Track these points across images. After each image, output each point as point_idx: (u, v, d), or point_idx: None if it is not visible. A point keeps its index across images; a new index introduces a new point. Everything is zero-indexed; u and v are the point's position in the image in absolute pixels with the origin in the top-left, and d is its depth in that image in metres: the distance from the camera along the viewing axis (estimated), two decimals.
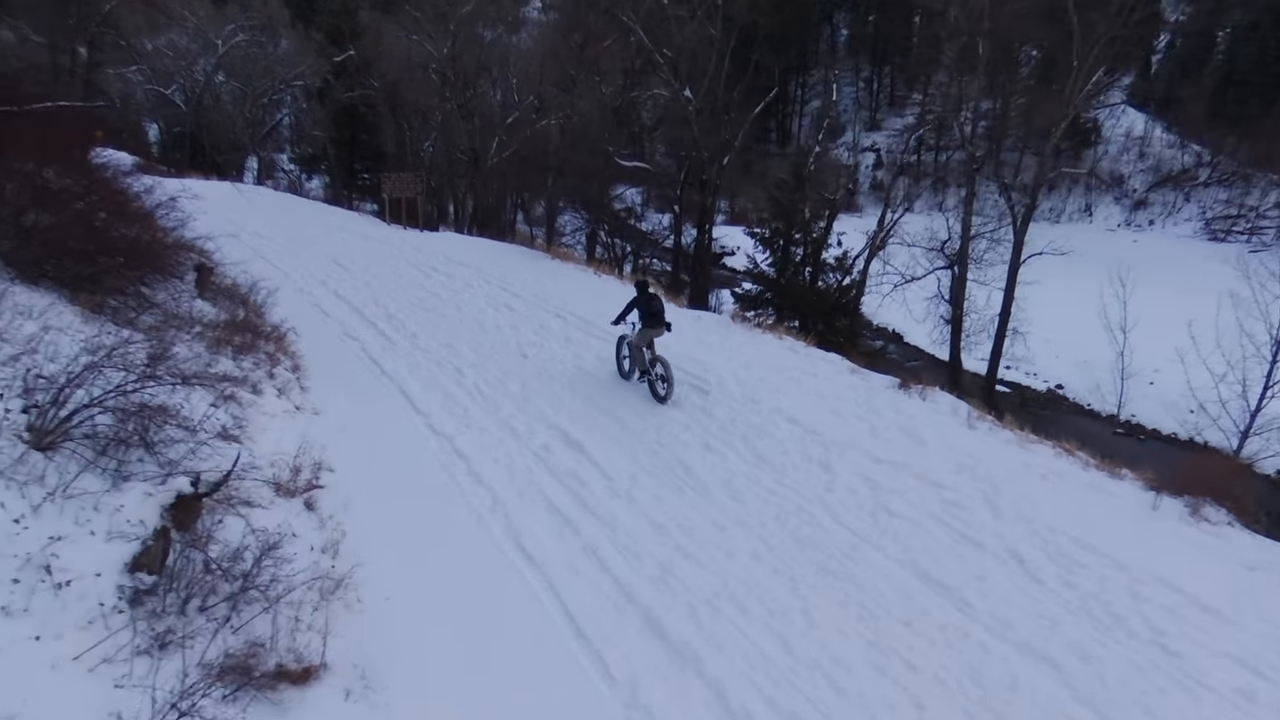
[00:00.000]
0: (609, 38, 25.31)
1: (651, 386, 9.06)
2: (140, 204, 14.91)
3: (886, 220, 21.74)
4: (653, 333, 9.06)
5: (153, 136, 54.87)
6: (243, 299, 10.99)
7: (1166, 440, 21.44)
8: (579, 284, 15.32)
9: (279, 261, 16.24)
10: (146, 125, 54.80)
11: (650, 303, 9.06)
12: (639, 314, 9.12)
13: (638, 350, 9.17)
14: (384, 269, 16.23)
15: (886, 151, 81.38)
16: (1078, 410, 27.11)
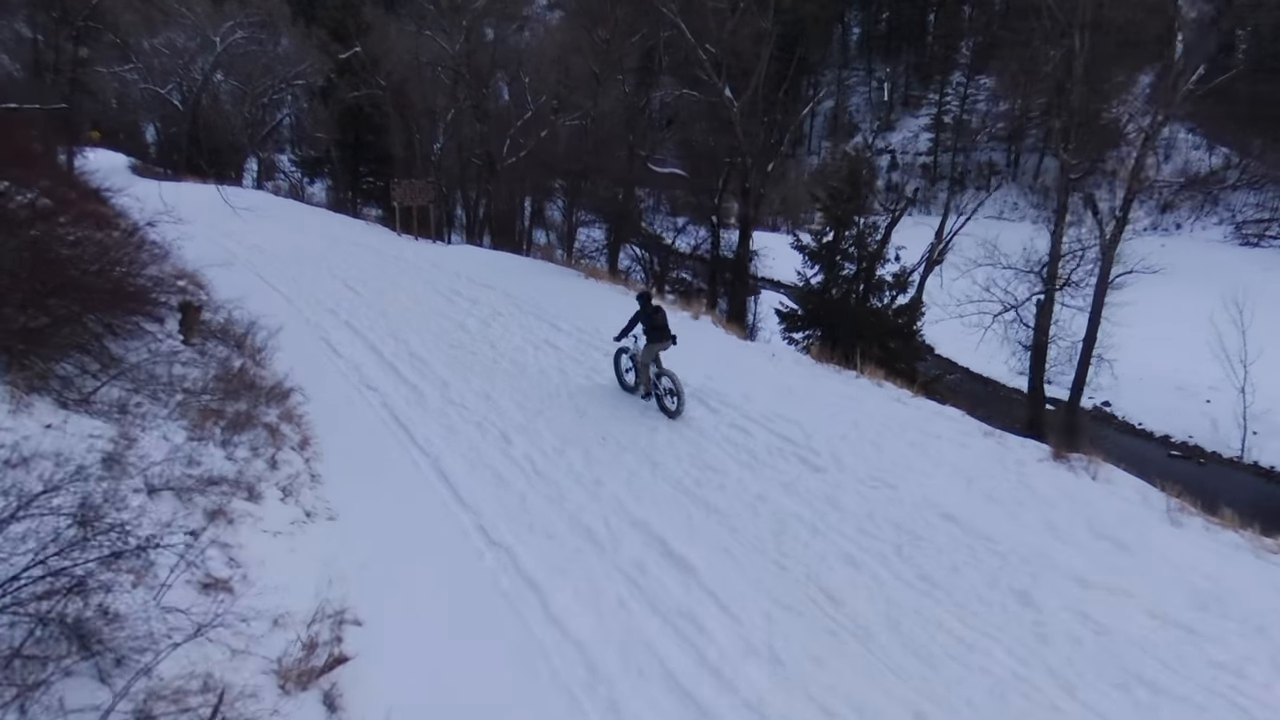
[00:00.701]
0: (636, 32, 23.39)
1: (660, 402, 8.71)
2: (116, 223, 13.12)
3: (946, 230, 19.82)
4: (659, 347, 8.75)
5: (150, 137, 53.05)
6: (239, 341, 9.11)
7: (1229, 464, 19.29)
8: (625, 312, 13.38)
9: (281, 284, 14.38)
10: (144, 125, 52.99)
11: (654, 315, 8.78)
12: (643, 328, 8.81)
13: (645, 367, 8.81)
14: (401, 293, 14.34)
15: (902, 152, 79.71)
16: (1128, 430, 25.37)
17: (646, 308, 8.90)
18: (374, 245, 19.43)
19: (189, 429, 5.87)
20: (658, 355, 8.79)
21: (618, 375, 9.54)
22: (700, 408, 8.86)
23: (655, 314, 8.83)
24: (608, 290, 15.16)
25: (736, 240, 21.47)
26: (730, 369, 10.29)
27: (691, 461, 7.54)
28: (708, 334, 12.42)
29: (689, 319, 13.30)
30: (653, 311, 8.85)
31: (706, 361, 10.21)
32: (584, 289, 15.18)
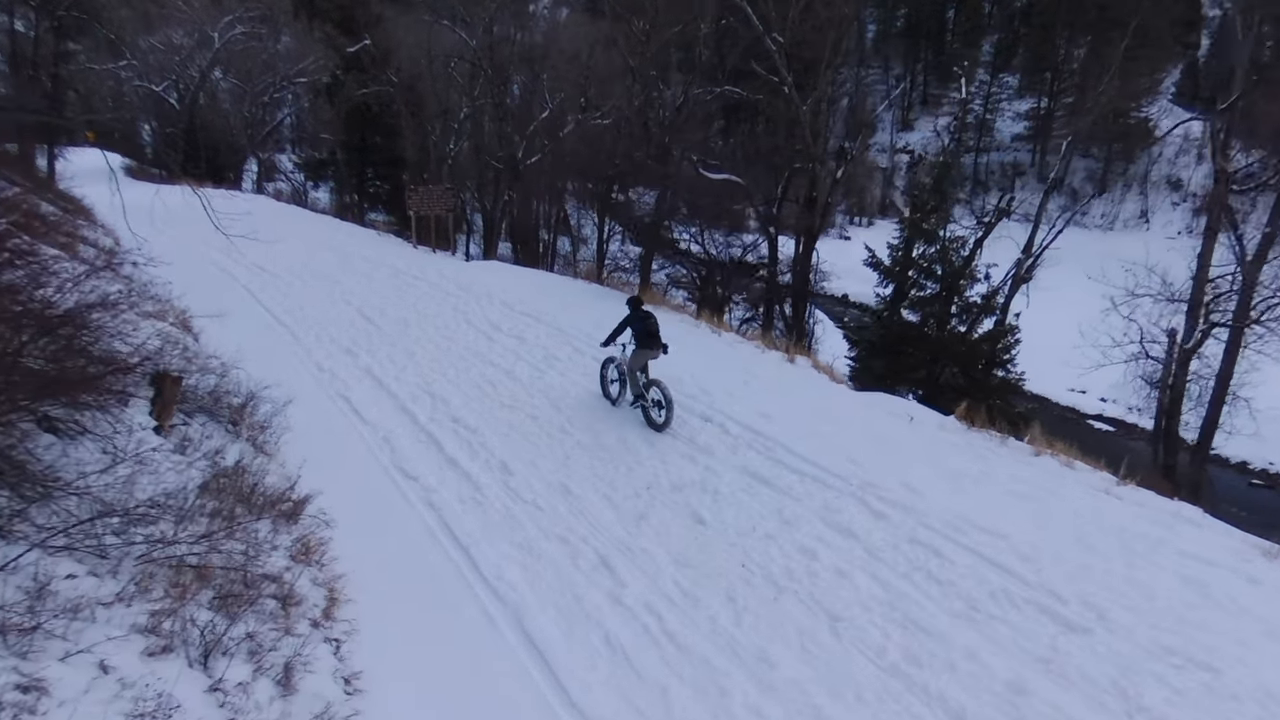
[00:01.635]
0: (679, 22, 21.07)
1: (646, 413, 8.31)
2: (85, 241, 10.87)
3: (1036, 243, 17.50)
4: (648, 354, 8.48)
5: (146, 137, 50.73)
6: (235, 418, 6.77)
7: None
8: (713, 355, 11.07)
9: (286, 315, 12.05)
10: (140, 125, 50.67)
11: (645, 321, 8.50)
12: (633, 334, 8.50)
13: (633, 375, 8.46)
14: (428, 325, 12.02)
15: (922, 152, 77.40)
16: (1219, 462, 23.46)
17: (638, 312, 8.56)
18: (389, 261, 17.11)
19: (147, 627, 3.55)
20: (646, 363, 8.48)
21: (602, 386, 9.13)
22: (861, 509, 6.55)
23: (647, 319, 8.50)
24: (676, 322, 12.84)
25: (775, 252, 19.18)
26: (862, 438, 8.01)
27: (885, 614, 5.21)
28: (811, 384, 10.11)
29: (780, 360, 10.98)
30: (644, 317, 8.51)
31: (830, 429, 7.94)
32: None
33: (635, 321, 8.52)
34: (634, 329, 8.52)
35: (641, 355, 8.47)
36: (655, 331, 8.49)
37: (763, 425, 8.24)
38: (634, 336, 8.52)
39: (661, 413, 8.16)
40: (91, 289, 6.26)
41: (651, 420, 8.23)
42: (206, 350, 8.96)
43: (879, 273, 17.01)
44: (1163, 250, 51.76)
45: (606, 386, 9.09)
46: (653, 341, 8.44)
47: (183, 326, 9.50)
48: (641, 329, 8.45)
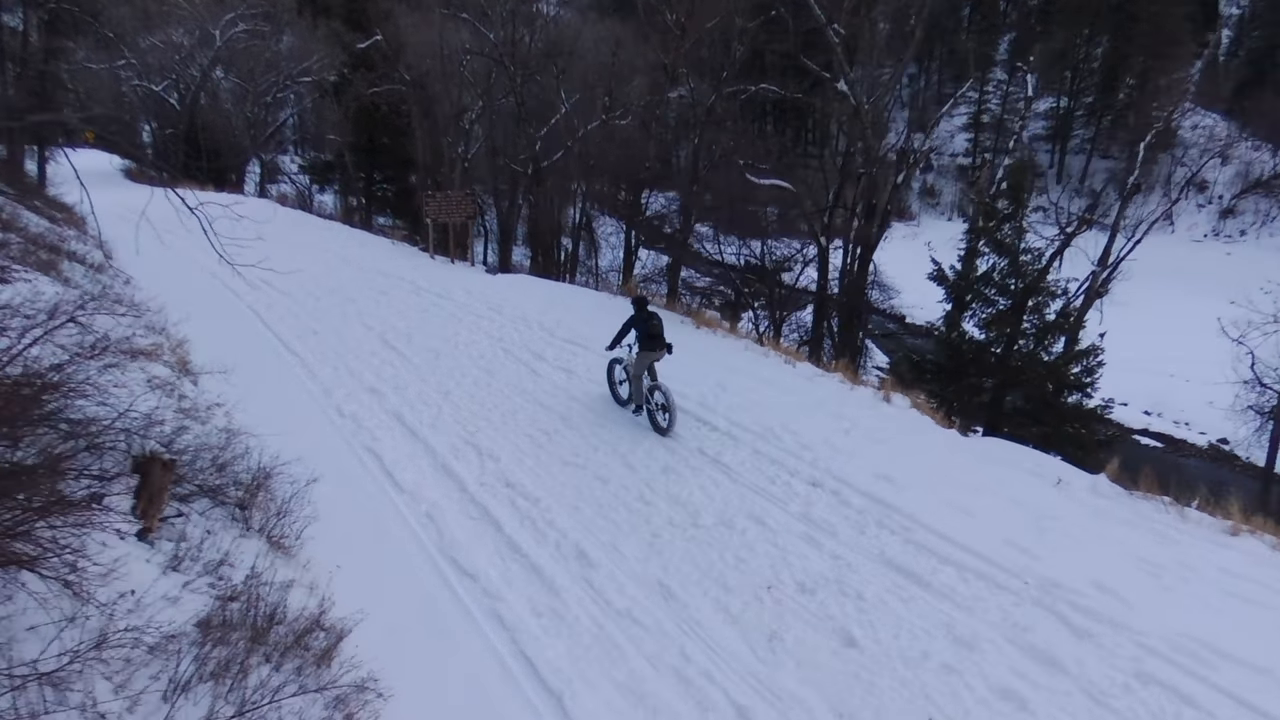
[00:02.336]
0: (719, 14, 19.57)
1: (651, 417, 8.12)
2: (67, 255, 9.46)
3: (1113, 253, 15.98)
4: (652, 356, 8.24)
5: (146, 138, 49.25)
6: (243, 503, 5.27)
7: None
8: (797, 395, 9.52)
9: (298, 343, 10.56)
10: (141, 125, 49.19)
11: (649, 322, 8.21)
12: (636, 335, 8.26)
13: (637, 380, 8.28)
14: (461, 355, 10.52)
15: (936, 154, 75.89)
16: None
17: (642, 313, 8.24)
18: (408, 275, 15.60)
19: None
20: (651, 365, 8.27)
21: (611, 388, 8.96)
22: (1056, 624, 5.04)
23: (650, 320, 8.23)
24: (739, 350, 11.33)
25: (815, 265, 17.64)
26: (1012, 511, 6.52)
27: None
28: (918, 432, 8.59)
29: (873, 399, 9.47)
30: (648, 318, 8.23)
31: (968, 497, 6.45)
32: (710, 349, 11.34)
33: (639, 323, 8.23)
34: (638, 330, 8.24)
35: (645, 358, 8.22)
36: (659, 333, 8.25)
37: (887, 493, 6.74)
38: (637, 338, 8.25)
39: (665, 416, 7.96)
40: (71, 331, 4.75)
41: (657, 425, 8.04)
42: (208, 396, 7.47)
43: (944, 287, 15.50)
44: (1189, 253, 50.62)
45: (615, 388, 8.90)
46: (656, 343, 8.20)
47: (179, 367, 8.00)
48: (645, 331, 8.18)
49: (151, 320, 9.77)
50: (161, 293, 11.26)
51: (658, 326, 8.28)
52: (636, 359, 8.31)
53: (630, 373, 8.40)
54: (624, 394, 8.73)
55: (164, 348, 8.64)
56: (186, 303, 10.85)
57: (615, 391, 8.91)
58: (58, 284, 9.32)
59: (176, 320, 9.82)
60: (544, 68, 21.44)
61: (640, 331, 8.23)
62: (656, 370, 8.36)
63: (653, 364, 8.31)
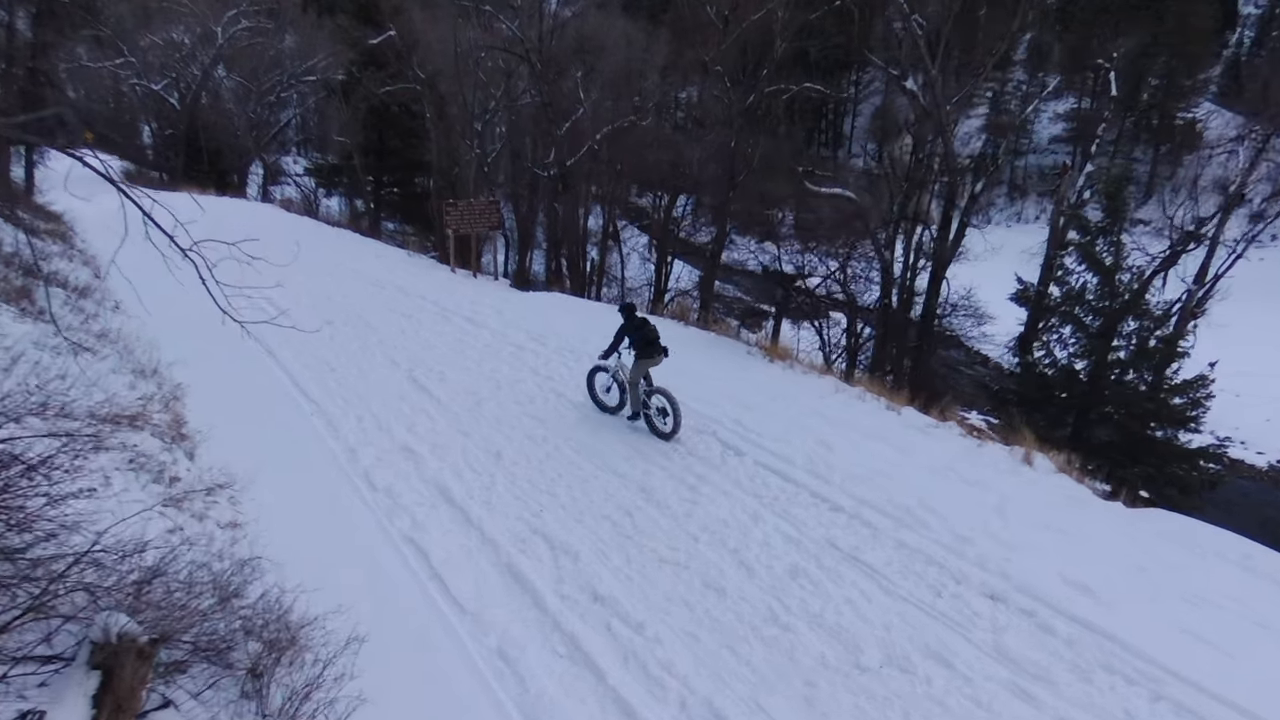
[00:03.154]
0: (762, 7, 17.98)
1: (651, 423, 7.90)
2: None
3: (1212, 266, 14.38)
4: (649, 363, 7.96)
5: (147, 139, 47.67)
6: (257, 668, 3.66)
7: None
8: (919, 455, 7.90)
9: (313, 385, 9.00)
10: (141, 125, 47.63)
11: (643, 329, 7.98)
12: (631, 342, 8.00)
13: (634, 388, 8.04)
14: (508, 400, 8.93)
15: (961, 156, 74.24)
16: None
17: (634, 320, 8.11)
18: (430, 294, 14.02)
19: None
20: (648, 372, 8.05)
21: (592, 396, 8.67)
22: None
23: (644, 327, 8.06)
24: (828, 392, 9.72)
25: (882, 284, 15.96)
26: (1257, 635, 4.93)
27: None
28: (1080, 508, 6.98)
29: (1011, 461, 7.86)
30: (641, 324, 8.07)
31: (1197, 618, 4.86)
32: (793, 391, 9.72)
33: (633, 331, 8.02)
34: (632, 339, 8.02)
35: (642, 365, 8.02)
36: (655, 339, 8.03)
37: (1094, 613, 5.15)
38: (633, 345, 8.04)
39: (667, 421, 7.80)
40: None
41: (658, 430, 7.91)
42: (208, 473, 5.88)
43: (1027, 307, 13.90)
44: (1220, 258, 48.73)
45: (599, 397, 8.60)
46: (653, 349, 8.00)
47: (172, 431, 6.41)
48: (640, 338, 7.97)
49: (141, 360, 8.18)
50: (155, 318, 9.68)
51: (653, 332, 8.08)
52: (634, 368, 8.05)
53: (627, 380, 8.18)
54: (610, 401, 8.55)
55: (154, 401, 7.06)
56: (184, 333, 9.25)
57: (598, 400, 8.62)
58: (26, 321, 7.74)
59: (171, 361, 8.22)
60: (571, 65, 19.81)
61: (635, 339, 8.00)
62: (653, 375, 8.12)
63: (649, 370, 8.07)
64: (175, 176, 36.81)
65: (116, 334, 8.82)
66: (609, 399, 8.58)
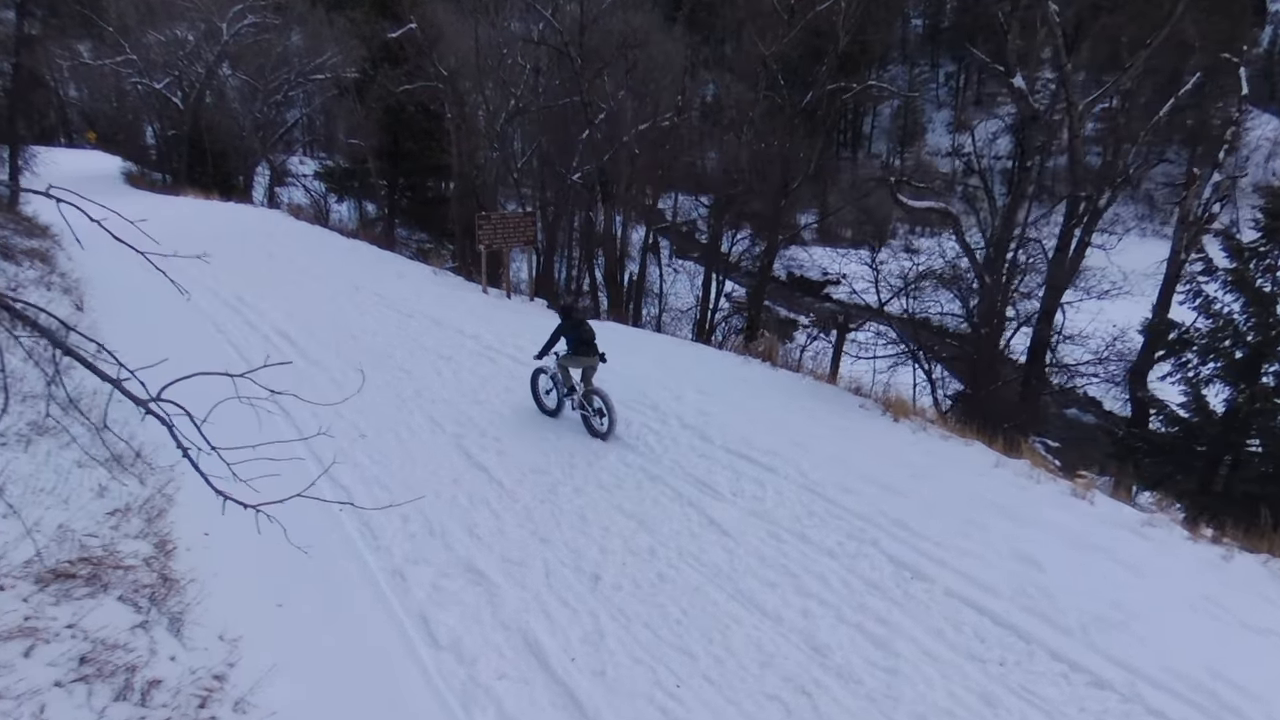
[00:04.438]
0: None
1: (588, 423, 8.00)
2: None
3: None
4: (585, 361, 8.01)
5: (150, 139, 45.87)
6: None
7: None
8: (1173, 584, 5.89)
9: (343, 466, 7.03)
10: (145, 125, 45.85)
11: (580, 329, 8.06)
12: (567, 342, 8.05)
13: (567, 374, 8.13)
14: (585, 479, 6.99)
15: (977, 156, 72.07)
16: None
17: (570, 320, 8.11)
18: (468, 325, 12.07)
19: None
20: (585, 370, 8.06)
21: (535, 398, 8.65)
22: None
23: (580, 327, 8.06)
24: (986, 468, 7.74)
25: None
26: None
27: None
28: None
29: (1214, 558, 5.89)
30: (578, 324, 8.08)
31: None
32: (945, 471, 7.73)
33: (569, 331, 8.06)
34: (568, 338, 8.06)
35: (578, 361, 8.06)
36: (590, 339, 8.05)
37: None
38: (569, 344, 8.06)
39: (603, 421, 7.87)
40: None
41: (593, 429, 7.98)
42: (206, 655, 3.95)
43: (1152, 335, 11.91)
44: None
45: (541, 399, 8.64)
46: (589, 349, 8.02)
47: (155, 576, 4.49)
48: (576, 338, 8.03)
49: (121, 443, 6.26)
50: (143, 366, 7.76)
51: (589, 333, 8.10)
52: (569, 361, 8.12)
53: (560, 380, 8.26)
54: (550, 404, 8.54)
55: (131, 516, 5.15)
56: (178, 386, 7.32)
57: (540, 402, 8.62)
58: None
59: (156, 445, 6.30)
60: (615, 61, 17.85)
61: (571, 339, 8.04)
62: (592, 378, 8.11)
63: (588, 371, 8.09)
64: (178, 179, 35.01)
65: (91, 399, 6.90)
66: (549, 401, 8.55)
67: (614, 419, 7.80)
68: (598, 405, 7.93)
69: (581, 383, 8.14)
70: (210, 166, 33.72)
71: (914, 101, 73.24)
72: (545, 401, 8.59)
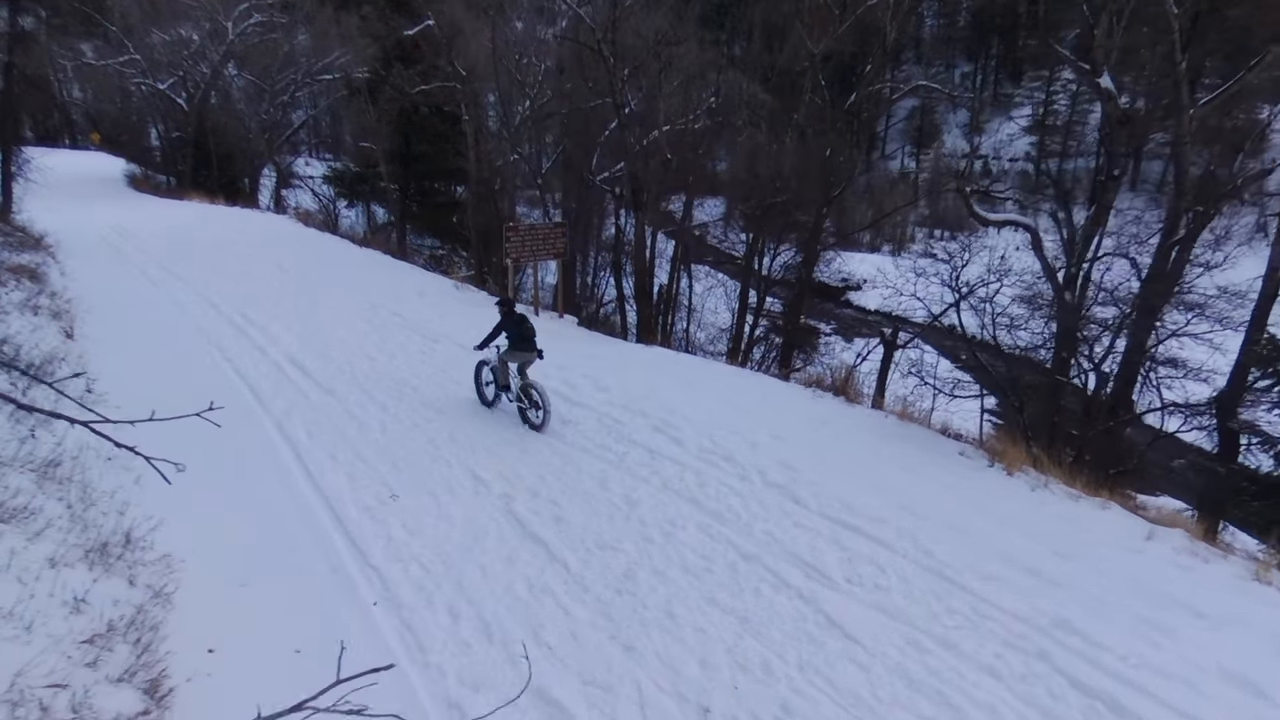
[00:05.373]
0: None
1: (524, 415, 8.23)
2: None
3: None
4: (524, 355, 8.29)
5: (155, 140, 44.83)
6: None
7: None
8: None
9: (366, 526, 5.85)
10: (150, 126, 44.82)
11: (521, 325, 8.29)
12: (508, 337, 8.28)
13: (504, 366, 8.37)
14: (662, 557, 5.80)
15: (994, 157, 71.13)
16: None
17: (512, 317, 8.29)
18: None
19: None
20: (522, 364, 8.31)
21: (478, 390, 8.92)
22: None
23: (522, 324, 8.30)
24: (1133, 538, 6.52)
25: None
26: None
27: None
28: None
29: None
30: (520, 321, 8.31)
31: None
32: (1099, 543, 6.51)
33: (510, 326, 8.24)
34: (509, 334, 8.25)
35: (517, 355, 8.28)
36: (531, 335, 8.27)
37: None
38: (509, 339, 8.25)
39: (539, 414, 8.05)
40: None
41: (530, 421, 8.15)
42: None
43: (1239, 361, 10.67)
44: None
45: (482, 391, 8.83)
46: (528, 344, 8.24)
47: None
48: (517, 333, 8.24)
49: (102, 525, 5.09)
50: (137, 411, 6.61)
51: (530, 330, 8.31)
52: (508, 354, 8.33)
53: (498, 367, 8.43)
54: (489, 395, 8.71)
55: (117, 638, 3.96)
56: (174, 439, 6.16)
57: (482, 394, 8.83)
58: None
59: (153, 521, 5.15)
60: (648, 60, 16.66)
61: (513, 334, 8.23)
62: (529, 373, 8.32)
63: (524, 365, 8.30)
64: (183, 182, 33.96)
65: (73, 464, 5.74)
66: (489, 392, 8.72)
67: (549, 411, 7.98)
68: (534, 398, 8.10)
69: (519, 376, 8.32)
70: (215, 169, 32.65)
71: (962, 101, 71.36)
72: (486, 393, 8.79)
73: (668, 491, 6.88)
